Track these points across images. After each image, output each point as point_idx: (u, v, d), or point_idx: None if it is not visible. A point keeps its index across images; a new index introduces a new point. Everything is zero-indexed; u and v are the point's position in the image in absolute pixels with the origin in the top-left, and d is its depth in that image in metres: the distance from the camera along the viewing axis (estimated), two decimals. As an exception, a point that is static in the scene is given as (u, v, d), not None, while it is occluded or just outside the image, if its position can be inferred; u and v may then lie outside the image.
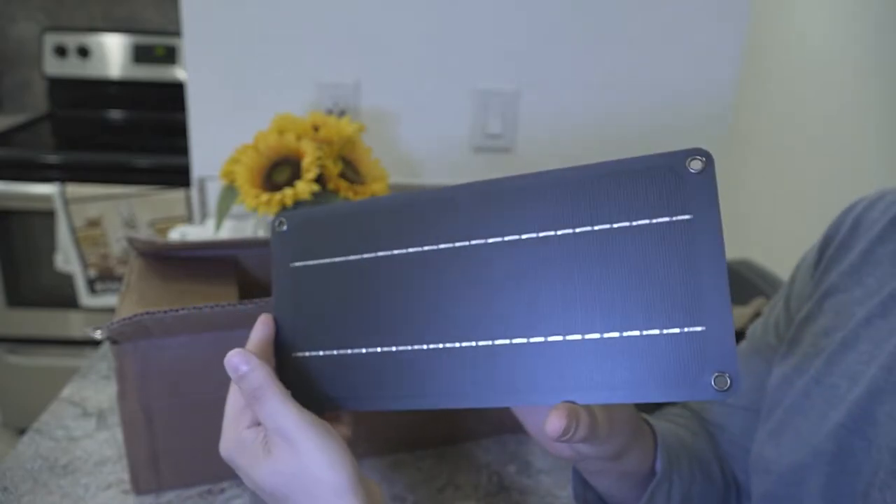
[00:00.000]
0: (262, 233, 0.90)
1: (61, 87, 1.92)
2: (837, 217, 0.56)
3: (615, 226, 0.35)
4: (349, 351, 0.41)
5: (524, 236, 0.37)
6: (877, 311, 0.47)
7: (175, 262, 0.65)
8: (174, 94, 1.84)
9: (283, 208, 0.82)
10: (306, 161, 0.81)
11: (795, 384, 0.52)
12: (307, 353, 0.43)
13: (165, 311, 0.51)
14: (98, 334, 0.51)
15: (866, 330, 0.47)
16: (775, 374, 0.55)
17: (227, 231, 0.96)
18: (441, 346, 0.38)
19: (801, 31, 1.90)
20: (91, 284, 1.56)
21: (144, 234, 1.52)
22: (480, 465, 0.66)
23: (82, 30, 1.89)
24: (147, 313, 0.51)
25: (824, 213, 0.59)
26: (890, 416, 0.44)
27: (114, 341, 0.53)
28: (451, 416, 0.68)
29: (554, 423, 0.35)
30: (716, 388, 0.32)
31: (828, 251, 0.55)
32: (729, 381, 0.32)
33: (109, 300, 1.58)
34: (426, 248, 0.40)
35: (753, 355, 0.60)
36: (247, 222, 0.98)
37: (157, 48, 1.89)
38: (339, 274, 0.42)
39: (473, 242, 0.39)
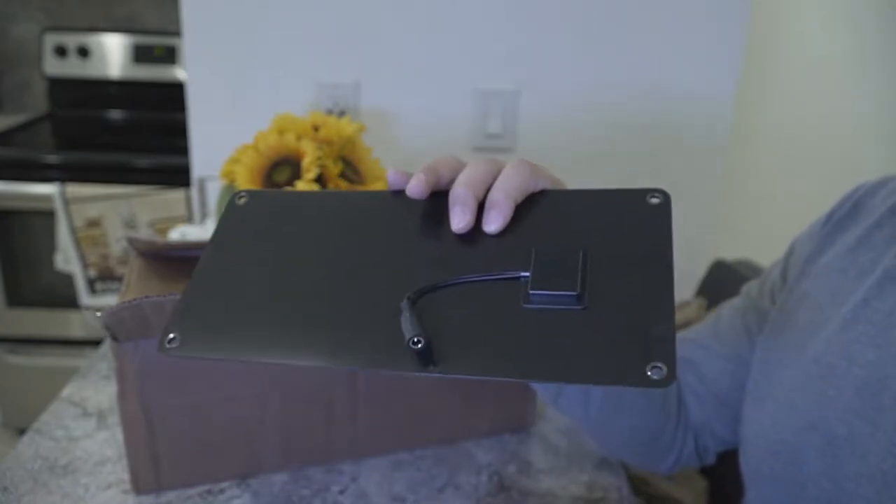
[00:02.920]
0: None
1: (61, 87, 1.92)
2: (840, 199, 0.57)
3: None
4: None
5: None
6: (873, 293, 0.48)
7: (175, 262, 0.65)
8: (174, 94, 1.84)
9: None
10: (306, 161, 0.81)
11: (793, 361, 0.52)
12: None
13: (165, 296, 0.51)
14: (98, 315, 0.52)
15: (864, 311, 0.48)
16: (767, 345, 0.56)
17: (227, 231, 0.96)
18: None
19: (801, 32, 1.90)
20: (91, 284, 1.56)
21: (144, 234, 1.52)
22: (480, 465, 0.66)
23: (82, 30, 1.89)
24: (146, 297, 0.51)
25: (824, 213, 0.59)
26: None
27: (114, 338, 0.53)
28: (451, 414, 0.68)
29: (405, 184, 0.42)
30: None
31: (826, 227, 0.56)
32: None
33: (109, 300, 1.58)
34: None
35: (749, 311, 0.62)
36: (247, 222, 0.98)
37: (157, 48, 1.89)
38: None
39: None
